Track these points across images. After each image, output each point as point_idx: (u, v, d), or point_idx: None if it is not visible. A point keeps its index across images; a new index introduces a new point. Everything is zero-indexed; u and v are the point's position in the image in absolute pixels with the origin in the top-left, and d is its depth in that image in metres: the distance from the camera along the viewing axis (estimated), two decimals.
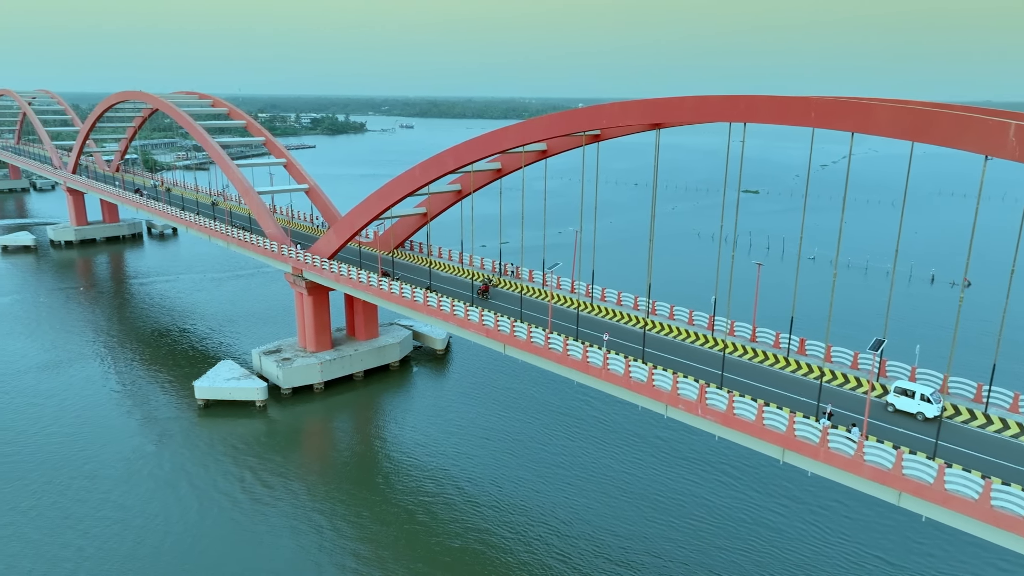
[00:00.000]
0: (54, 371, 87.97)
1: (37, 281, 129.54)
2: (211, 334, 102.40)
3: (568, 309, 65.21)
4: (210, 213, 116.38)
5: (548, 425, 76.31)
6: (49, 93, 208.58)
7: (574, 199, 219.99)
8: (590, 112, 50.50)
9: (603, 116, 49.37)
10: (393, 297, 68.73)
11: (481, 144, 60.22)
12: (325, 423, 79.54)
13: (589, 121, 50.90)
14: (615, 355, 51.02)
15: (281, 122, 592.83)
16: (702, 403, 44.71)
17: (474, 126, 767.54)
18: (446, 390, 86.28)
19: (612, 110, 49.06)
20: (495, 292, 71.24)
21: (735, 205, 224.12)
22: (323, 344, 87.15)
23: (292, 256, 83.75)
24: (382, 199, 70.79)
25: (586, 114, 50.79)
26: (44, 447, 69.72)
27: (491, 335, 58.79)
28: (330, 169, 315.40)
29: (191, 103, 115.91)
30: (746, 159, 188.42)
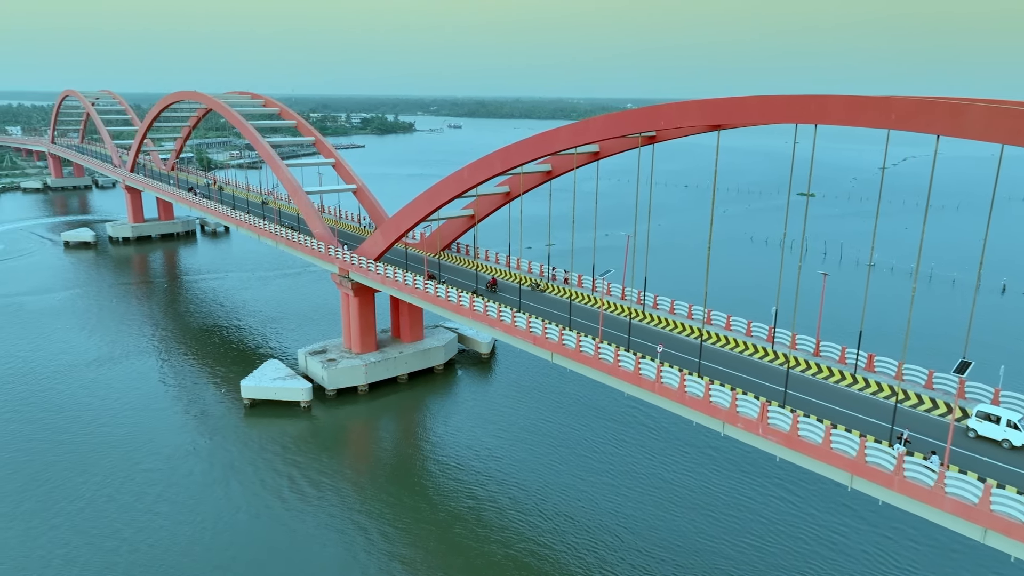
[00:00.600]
0: (109, 366, 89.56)
1: (96, 276, 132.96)
2: (258, 332, 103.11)
3: (619, 317, 62.92)
4: (260, 212, 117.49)
5: (596, 431, 74.16)
6: (111, 93, 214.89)
7: (623, 200, 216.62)
8: (647, 113, 48.23)
9: (661, 117, 47.05)
10: (439, 301, 67.49)
11: (531, 146, 58.44)
12: (369, 425, 78.89)
13: (646, 122, 48.62)
14: (669, 367, 48.62)
15: (332, 122, 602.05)
16: (763, 422, 42.03)
17: (521, 126, 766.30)
18: (491, 394, 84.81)
19: (670, 111, 46.70)
20: (503, 286, 69.85)
21: (794, 209, 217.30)
22: (368, 345, 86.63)
23: (339, 257, 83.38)
24: (429, 201, 69.64)
25: (643, 115, 48.52)
26: (101, 443, 70.66)
27: (539, 343, 56.96)
28: (378, 168, 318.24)
29: (243, 103, 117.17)
30: (800, 160, 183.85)
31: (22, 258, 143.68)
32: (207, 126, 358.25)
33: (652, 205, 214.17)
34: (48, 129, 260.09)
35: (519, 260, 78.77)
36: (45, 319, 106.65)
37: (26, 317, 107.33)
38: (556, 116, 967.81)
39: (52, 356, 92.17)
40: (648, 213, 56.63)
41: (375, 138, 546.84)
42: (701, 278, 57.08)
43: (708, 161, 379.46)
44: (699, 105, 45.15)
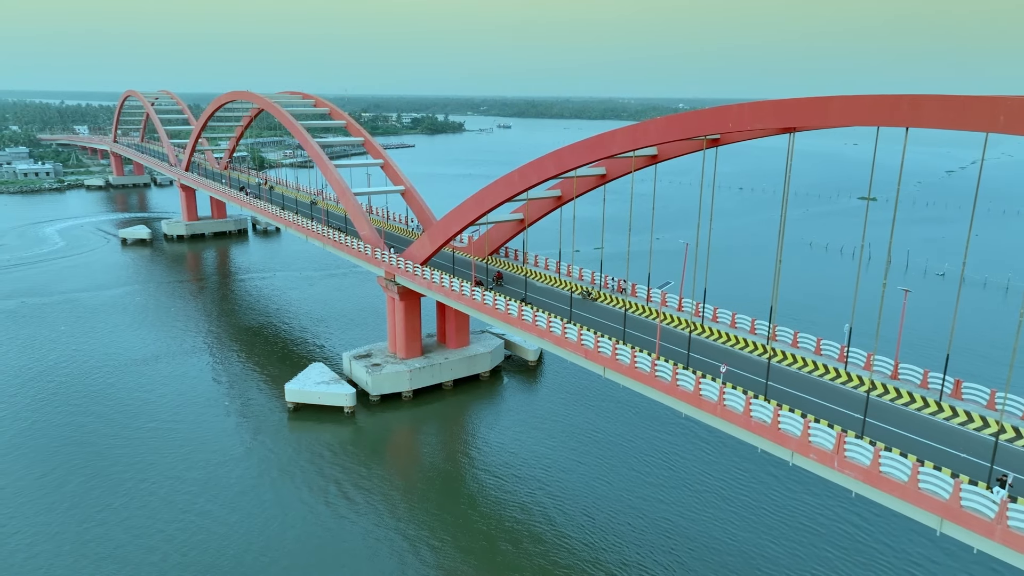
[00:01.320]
0: (156, 364, 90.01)
1: (150, 273, 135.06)
2: (304, 334, 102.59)
3: (676, 330, 59.36)
4: (308, 212, 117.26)
5: (649, 443, 70.75)
6: (169, 94, 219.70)
7: (673, 203, 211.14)
8: (714, 114, 44.73)
9: (729, 118, 43.54)
10: (486, 309, 65.05)
11: (586, 149, 55.46)
12: (412, 434, 77.04)
13: (713, 123, 45.13)
14: (732, 389, 45.05)
15: (383, 121, 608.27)
16: (839, 455, 38.20)
17: (572, 126, 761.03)
18: (537, 405, 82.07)
19: (741, 112, 43.14)
20: (509, 278, 66.76)
21: (853, 214, 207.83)
22: (413, 350, 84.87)
23: (385, 260, 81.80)
24: (478, 204, 67.27)
25: (709, 116, 45.04)
26: (141, 444, 70.51)
27: (590, 356, 53.96)
28: (427, 168, 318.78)
29: (294, 103, 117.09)
30: (860, 162, 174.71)
31: (81, 255, 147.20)
32: (261, 125, 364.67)
33: (705, 208, 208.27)
34: (111, 128, 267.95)
35: (569, 267, 75.75)
36: (99, 315, 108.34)
37: (82, 313, 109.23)
38: (607, 116, 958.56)
39: (103, 353, 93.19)
40: (710, 221, 52.87)
41: (425, 138, 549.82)
42: (759, 287, 53.57)
43: (762, 163, 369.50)
44: (774, 106, 41.49)
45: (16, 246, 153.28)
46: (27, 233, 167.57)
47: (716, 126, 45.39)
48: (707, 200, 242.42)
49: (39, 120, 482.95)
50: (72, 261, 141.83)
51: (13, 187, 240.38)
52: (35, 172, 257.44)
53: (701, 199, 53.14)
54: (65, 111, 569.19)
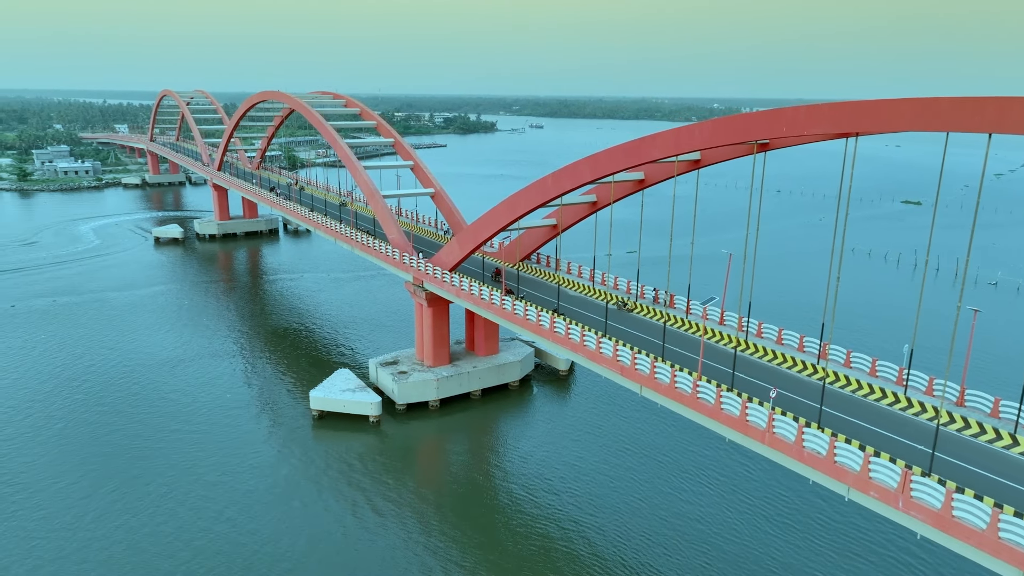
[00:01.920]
0: (183, 367, 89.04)
1: (181, 273, 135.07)
2: (331, 337, 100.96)
3: (719, 345, 55.82)
4: (338, 214, 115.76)
5: (685, 464, 67.25)
6: (204, 93, 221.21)
7: (712, 207, 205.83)
8: (765, 117, 41.30)
9: (782, 122, 40.09)
10: (516, 319, 62.26)
11: (624, 153, 52.32)
12: (439, 445, 74.65)
13: (764, 128, 41.70)
14: (782, 415, 41.60)
15: (416, 121, 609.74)
16: (904, 494, 34.58)
17: (604, 126, 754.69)
18: (568, 417, 79.08)
19: (795, 116, 39.67)
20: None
21: (896, 219, 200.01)
22: (441, 358, 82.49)
23: (413, 266, 79.54)
24: (509, 210, 64.49)
25: (761, 120, 41.63)
26: (167, 450, 69.25)
27: (626, 373, 50.82)
28: (458, 168, 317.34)
29: (325, 103, 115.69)
30: (903, 165, 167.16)
31: (114, 254, 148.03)
32: (295, 125, 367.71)
33: (741, 211, 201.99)
34: (149, 127, 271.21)
35: (604, 275, 72.55)
36: (128, 316, 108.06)
37: (110, 313, 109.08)
38: (640, 116, 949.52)
39: (131, 355, 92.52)
40: (756, 231, 49.36)
41: (457, 137, 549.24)
42: (801, 295, 49.76)
43: (800, 164, 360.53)
44: (833, 110, 37.94)
45: (52, 244, 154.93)
46: (63, 231, 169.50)
47: (768, 130, 41.93)
48: (751, 207, 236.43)
49: (82, 119, 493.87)
50: (105, 260, 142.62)
51: (54, 185, 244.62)
52: (75, 170, 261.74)
53: (750, 208, 49.59)
54: (107, 110, 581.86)
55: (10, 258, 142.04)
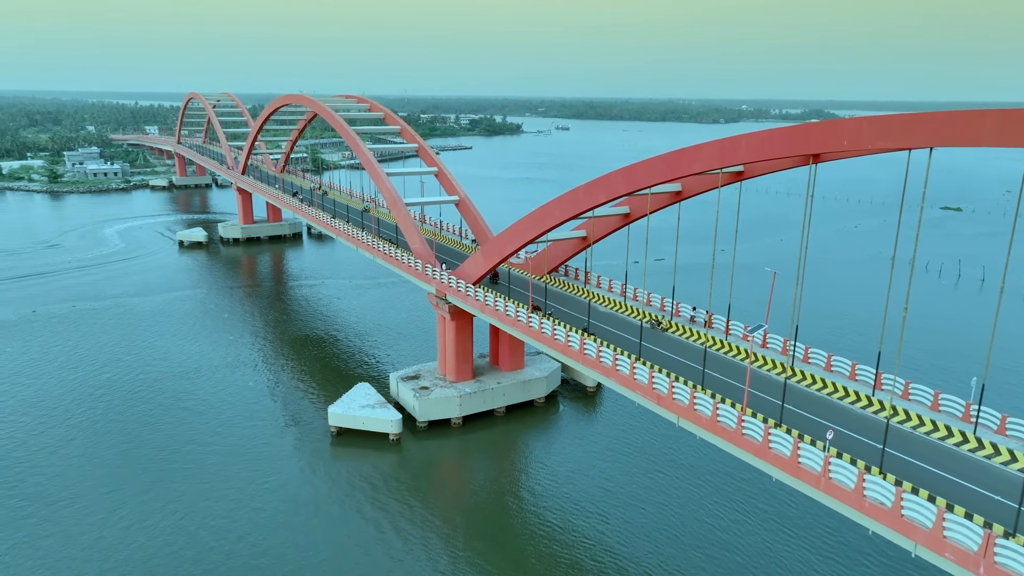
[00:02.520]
0: (203, 377, 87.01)
1: (204, 278, 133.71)
2: (351, 347, 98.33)
3: (764, 372, 51.77)
4: (360, 220, 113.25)
5: (726, 494, 63.09)
6: (230, 96, 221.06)
7: (744, 213, 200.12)
8: (823, 130, 37.34)
9: (843, 135, 36.11)
10: (544, 338, 58.79)
11: (663, 165, 48.62)
12: (462, 465, 71.46)
13: (820, 141, 37.72)
14: (838, 458, 37.62)
15: (441, 123, 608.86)
16: (988, 559, 30.47)
17: (631, 128, 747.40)
18: (597, 436, 75.44)
19: (858, 128, 35.67)
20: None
21: (933, 225, 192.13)
22: (464, 373, 79.32)
23: (436, 278, 76.47)
24: (537, 223, 61.05)
25: (818, 132, 37.68)
26: (186, 467, 67.07)
27: (663, 403, 47.08)
28: (484, 171, 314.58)
29: (348, 107, 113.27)
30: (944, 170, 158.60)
31: (138, 258, 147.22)
32: (321, 127, 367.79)
33: (773, 217, 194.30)
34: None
35: (636, 290, 68.75)
36: (148, 323, 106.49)
37: (130, 320, 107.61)
38: (667, 118, 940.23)
39: (147, 364, 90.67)
40: (803, 251, 45.33)
41: (483, 139, 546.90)
42: (839, 306, 45.48)
43: (834, 167, 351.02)
44: (903, 122, 33.91)
45: (76, 247, 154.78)
46: (89, 234, 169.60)
47: (826, 142, 37.95)
48: (777, 208, 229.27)
49: (114, 120, 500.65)
50: (128, 264, 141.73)
51: (83, 187, 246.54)
52: (104, 172, 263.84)
53: (805, 227, 45.48)
54: (138, 111, 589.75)
55: (35, 261, 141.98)
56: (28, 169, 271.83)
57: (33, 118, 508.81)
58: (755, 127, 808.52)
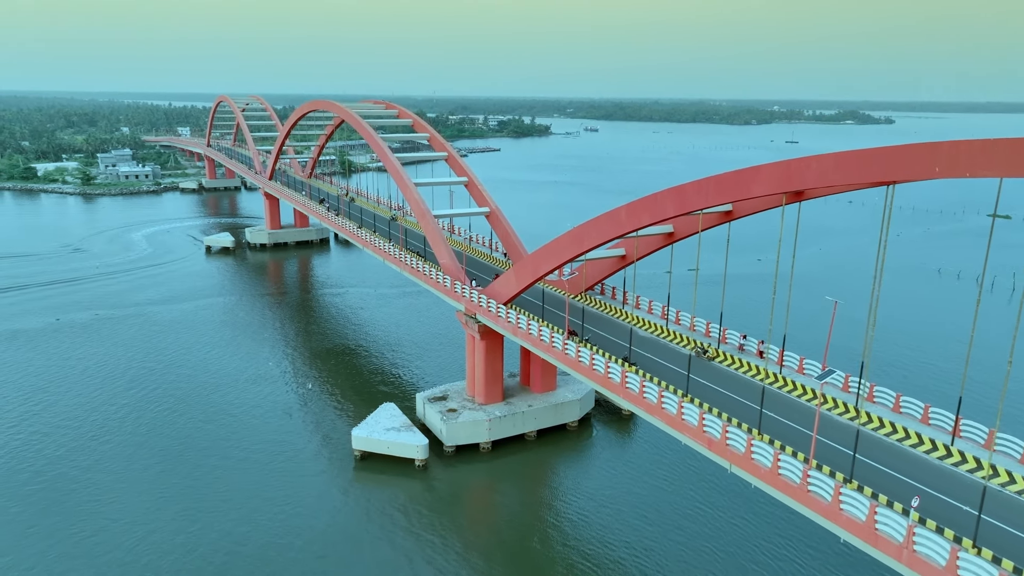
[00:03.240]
0: (223, 392, 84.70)
1: (229, 286, 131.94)
2: (376, 363, 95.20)
3: (826, 412, 47.09)
4: (387, 230, 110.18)
5: (774, 532, 58.44)
6: (259, 100, 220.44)
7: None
8: (906, 155, 32.65)
9: (935, 160, 31.53)
10: (581, 368, 54.82)
11: (718, 187, 44.34)
12: (490, 494, 67.77)
13: (910, 166, 33.06)
14: (923, 526, 33.09)
15: (470, 124, 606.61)
16: None
17: (660, 130, 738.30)
18: (633, 463, 71.29)
19: (953, 153, 31.08)
20: None
21: (981, 236, 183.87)
22: (493, 395, 75.62)
23: (465, 296, 72.86)
24: (574, 243, 57.06)
25: (907, 156, 33.05)
26: (204, 491, 64.46)
27: (715, 448, 42.83)
28: (512, 174, 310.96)
29: (376, 113, 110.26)
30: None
31: (164, 264, 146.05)
32: (350, 128, 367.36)
33: (812, 224, 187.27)
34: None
35: (679, 313, 64.35)
36: (172, 333, 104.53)
37: (151, 329, 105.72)
38: (698, 119, 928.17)
39: (166, 376, 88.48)
40: (877, 284, 40.74)
41: (511, 141, 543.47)
42: (890, 323, 40.57)
43: None
44: (1007, 148, 29.31)
45: (103, 252, 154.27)
46: (117, 238, 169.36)
47: (912, 170, 33.39)
48: (810, 211, 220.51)
49: (147, 122, 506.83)
50: (155, 271, 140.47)
51: (115, 189, 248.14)
52: (135, 175, 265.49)
53: (879, 259, 40.91)
54: (171, 112, 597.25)
55: (62, 267, 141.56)
56: (63, 171, 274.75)
57: (70, 119, 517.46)
58: (789, 128, 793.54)
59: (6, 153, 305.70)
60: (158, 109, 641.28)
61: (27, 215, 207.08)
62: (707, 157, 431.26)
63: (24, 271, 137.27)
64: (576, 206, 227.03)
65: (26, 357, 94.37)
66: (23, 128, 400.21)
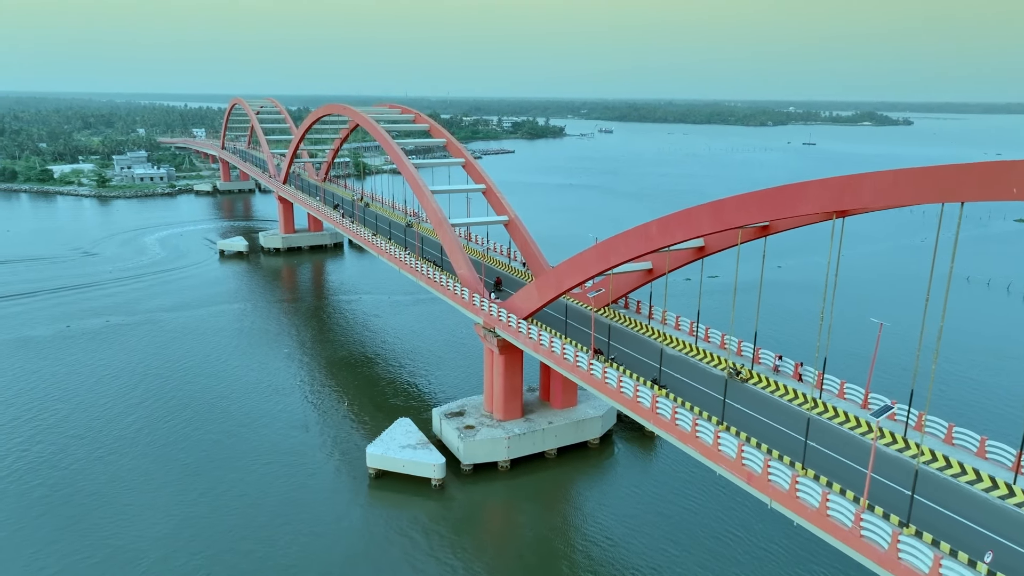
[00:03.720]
0: (236, 403, 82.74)
1: (242, 291, 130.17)
2: (390, 374, 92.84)
3: (882, 447, 43.94)
4: (403, 237, 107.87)
5: (814, 571, 55.38)
6: (274, 102, 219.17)
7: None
8: (994, 172, 29.51)
9: (1017, 176, 28.56)
10: (609, 391, 52.09)
11: (759, 204, 41.32)
12: (511, 516, 65.17)
13: (979, 187, 30.08)
14: None
15: (484, 126, 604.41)
16: None
17: (675, 131, 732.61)
18: (657, 484, 68.44)
19: None
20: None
21: (1010, 241, 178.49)
22: (512, 411, 73.02)
23: (484, 309, 70.29)
24: (600, 258, 54.29)
25: (976, 176, 30.05)
26: (215, 504, 62.38)
27: (756, 484, 39.94)
28: (527, 177, 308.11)
29: (391, 118, 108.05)
30: None
31: (177, 269, 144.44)
32: (365, 130, 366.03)
33: (846, 233, 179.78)
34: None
35: (708, 330, 61.41)
36: (183, 341, 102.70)
37: (163, 338, 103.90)
38: (713, 120, 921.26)
39: (178, 387, 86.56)
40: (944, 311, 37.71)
41: (525, 142, 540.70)
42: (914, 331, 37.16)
43: None
44: None
45: (115, 256, 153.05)
46: (130, 242, 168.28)
47: (980, 191, 30.24)
48: (849, 223, 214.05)
49: (163, 123, 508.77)
50: (167, 276, 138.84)
51: (129, 191, 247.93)
52: (150, 176, 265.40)
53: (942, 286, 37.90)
54: (187, 114, 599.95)
55: (75, 271, 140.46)
56: (79, 173, 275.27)
57: (87, 120, 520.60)
58: (806, 130, 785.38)
59: (24, 155, 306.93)
60: (174, 110, 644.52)
61: (42, 218, 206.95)
62: (725, 160, 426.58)
63: (36, 276, 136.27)
64: (593, 210, 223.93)
65: (37, 366, 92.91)
66: (41, 130, 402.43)
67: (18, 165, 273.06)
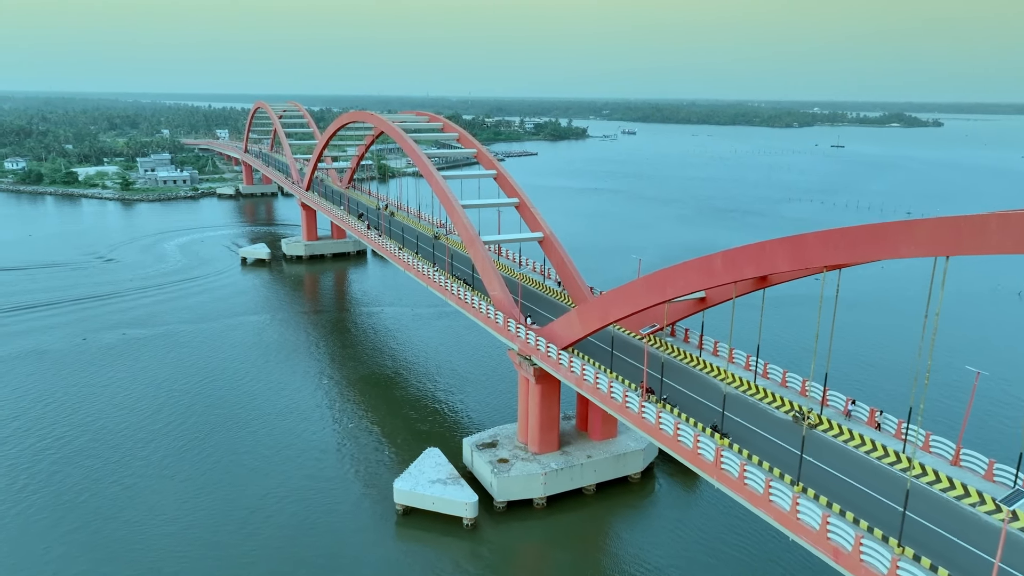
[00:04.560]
0: (255, 428, 79.01)
1: (263, 303, 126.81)
2: (417, 394, 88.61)
3: (977, 512, 38.64)
4: (430, 249, 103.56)
5: None
6: (296, 106, 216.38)
7: None
8: None
9: None
10: (664, 438, 47.40)
11: (852, 241, 35.95)
12: (547, 558, 60.81)
13: None
14: None
15: (506, 127, 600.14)
16: None
17: (700, 132, 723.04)
18: (705, 527, 63.62)
19: None
20: None
21: None
22: (548, 444, 68.42)
23: (521, 336, 65.71)
24: (653, 290, 49.37)
25: None
26: (236, 540, 58.46)
27: (845, 563, 34.89)
28: (550, 180, 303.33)
29: (419, 127, 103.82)
30: None
31: (198, 279, 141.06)
32: None
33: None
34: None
35: (766, 365, 56.29)
36: (199, 356, 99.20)
37: (182, 352, 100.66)
38: (737, 121, 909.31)
39: (198, 408, 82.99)
40: None
41: (548, 144, 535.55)
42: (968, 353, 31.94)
43: (920, 178, 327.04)
44: None
45: (135, 264, 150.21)
46: (150, 248, 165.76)
47: None
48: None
49: (187, 124, 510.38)
50: (187, 285, 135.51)
51: (152, 195, 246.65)
52: (173, 180, 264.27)
53: None
54: (211, 114, 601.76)
55: (94, 279, 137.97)
56: (103, 175, 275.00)
57: (113, 121, 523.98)
58: (832, 131, 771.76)
59: (50, 156, 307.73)
60: (198, 111, 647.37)
61: (66, 221, 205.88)
62: (751, 163, 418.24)
63: (54, 284, 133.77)
64: (620, 216, 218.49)
65: (51, 381, 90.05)
66: (67, 131, 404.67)
67: (44, 167, 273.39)
